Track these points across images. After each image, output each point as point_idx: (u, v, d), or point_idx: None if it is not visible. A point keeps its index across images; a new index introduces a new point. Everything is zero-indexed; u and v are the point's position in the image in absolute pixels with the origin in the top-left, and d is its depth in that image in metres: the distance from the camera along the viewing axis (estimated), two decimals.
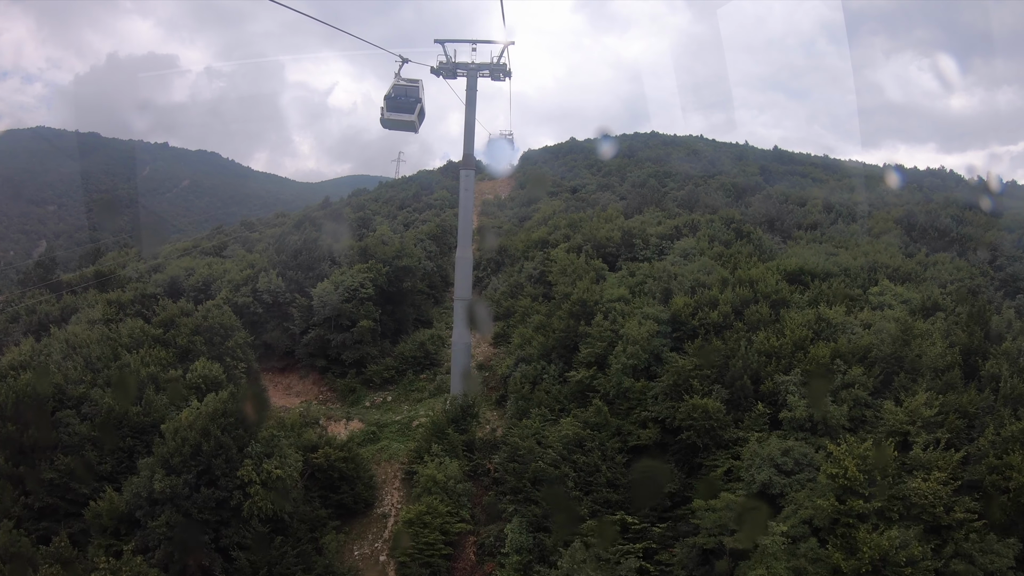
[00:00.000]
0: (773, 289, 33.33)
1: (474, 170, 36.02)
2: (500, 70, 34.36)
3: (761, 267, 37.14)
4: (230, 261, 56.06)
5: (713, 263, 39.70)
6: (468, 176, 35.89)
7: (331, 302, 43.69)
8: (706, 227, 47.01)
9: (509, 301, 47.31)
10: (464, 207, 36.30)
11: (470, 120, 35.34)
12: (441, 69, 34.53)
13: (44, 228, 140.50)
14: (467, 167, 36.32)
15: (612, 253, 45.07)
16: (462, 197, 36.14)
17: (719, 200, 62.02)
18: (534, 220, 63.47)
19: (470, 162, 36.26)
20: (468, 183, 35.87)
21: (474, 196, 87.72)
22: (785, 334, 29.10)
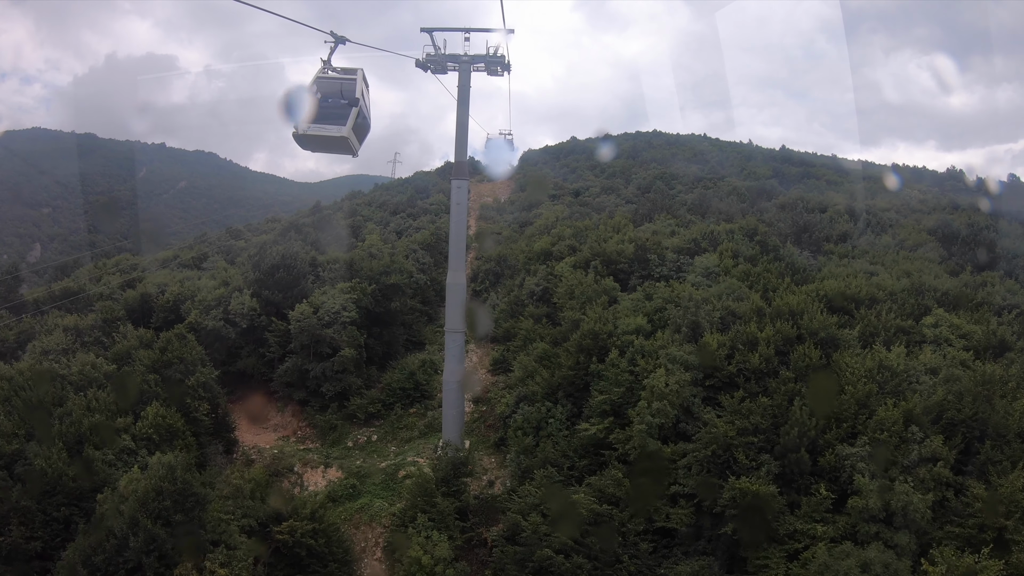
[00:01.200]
0: (820, 324, 27.34)
1: (468, 179, 29.89)
2: (497, 63, 28.22)
3: (799, 293, 31.15)
4: (207, 275, 50.29)
5: (741, 285, 33.71)
6: (461, 188, 29.76)
7: (309, 327, 37.77)
8: (727, 239, 40.99)
9: (509, 322, 41.37)
10: (456, 223, 30.19)
11: (463, 121, 29.19)
12: (429, 62, 28.40)
13: (39, 231, 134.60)
14: (459, 176, 30.13)
15: (624, 270, 39.05)
16: (453, 213, 30.05)
17: (733, 206, 55.97)
18: (536, 227, 57.40)
19: (463, 170, 30.07)
20: (461, 195, 29.76)
21: (471, 201, 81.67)
22: (844, 388, 23.11)
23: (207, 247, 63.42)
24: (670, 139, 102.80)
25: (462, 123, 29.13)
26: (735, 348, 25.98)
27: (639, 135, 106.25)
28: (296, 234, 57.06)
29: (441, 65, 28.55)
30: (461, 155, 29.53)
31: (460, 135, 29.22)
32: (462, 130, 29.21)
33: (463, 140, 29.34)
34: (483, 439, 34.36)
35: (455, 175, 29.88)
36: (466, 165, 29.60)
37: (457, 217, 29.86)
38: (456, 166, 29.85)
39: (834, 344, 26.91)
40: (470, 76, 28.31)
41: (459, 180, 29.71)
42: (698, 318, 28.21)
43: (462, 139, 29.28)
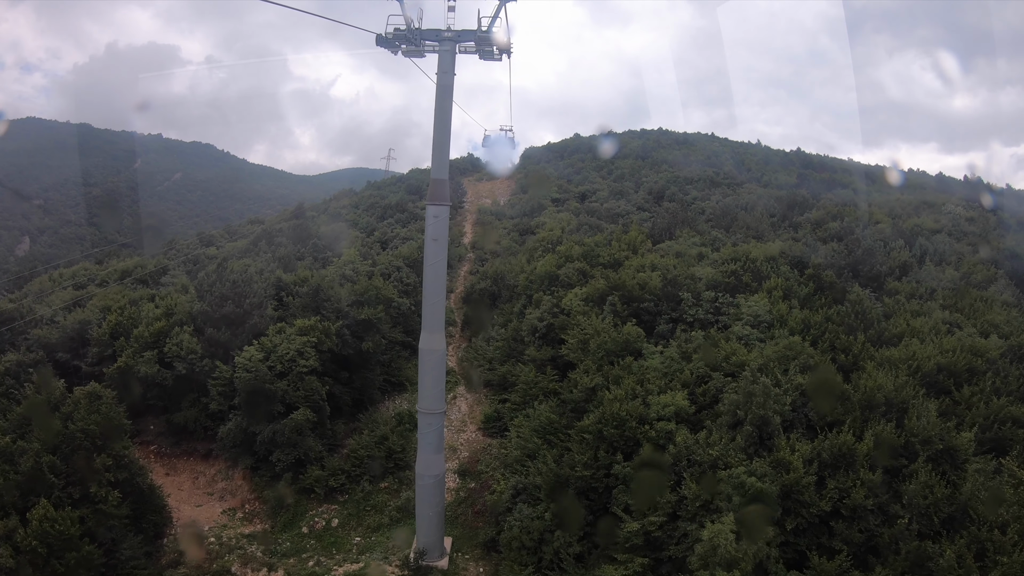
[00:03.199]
0: (934, 429, 18.36)
1: (448, 204, 20.27)
2: (492, 41, 18.90)
3: (890, 368, 22.26)
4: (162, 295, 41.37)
5: (805, 346, 24.77)
6: (439, 218, 20.30)
7: (258, 378, 28.87)
8: (770, 270, 31.90)
9: (506, 366, 32.44)
10: (433, 265, 20.73)
11: (443, 121, 19.79)
12: (398, 39, 19.11)
13: (28, 224, 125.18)
14: (437, 200, 20.58)
15: (649, 310, 29.99)
16: (429, 253, 20.54)
17: (761, 220, 46.77)
18: (539, 238, 48.10)
19: (441, 192, 20.48)
20: (439, 228, 20.34)
21: (468, 203, 72.26)
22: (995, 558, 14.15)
23: (175, 255, 54.27)
24: (678, 138, 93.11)
25: (442, 124, 19.77)
26: (824, 469, 17.03)
27: (645, 133, 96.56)
28: (267, 245, 47.90)
29: (416, 44, 19.18)
30: (440, 170, 20.17)
31: (439, 141, 19.87)
32: (442, 134, 19.85)
33: (443, 149, 20.03)
34: (470, 532, 25.57)
35: (431, 198, 20.36)
36: (446, 185, 20.17)
37: (434, 258, 20.46)
38: (433, 187, 20.34)
39: (954, 460, 17.97)
40: (455, 59, 18.97)
41: (437, 205, 20.24)
42: (765, 412, 19.18)
43: (442, 147, 19.96)
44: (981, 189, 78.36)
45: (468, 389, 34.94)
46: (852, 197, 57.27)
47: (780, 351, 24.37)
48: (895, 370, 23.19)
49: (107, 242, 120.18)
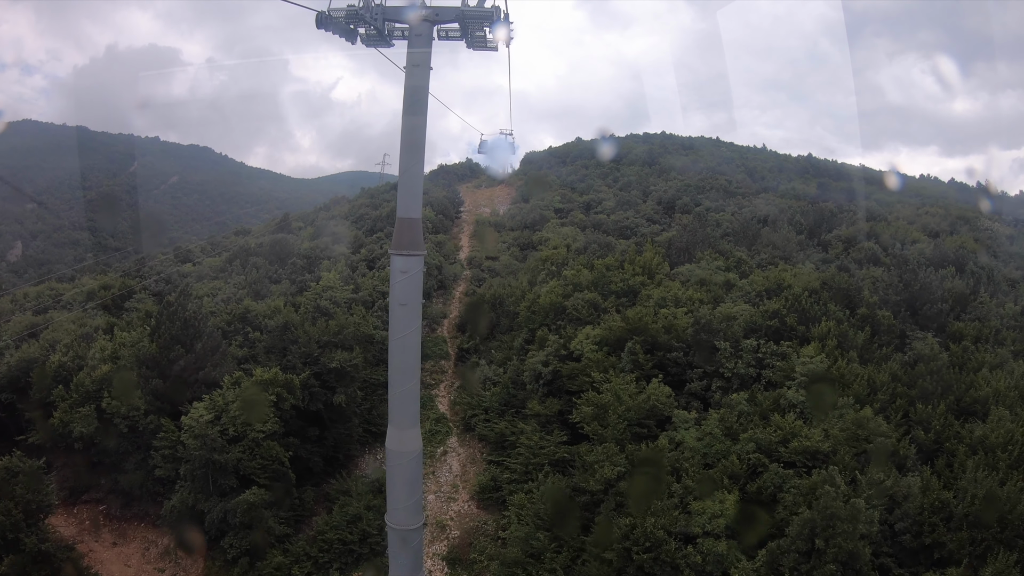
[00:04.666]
0: None
1: (423, 253, 13.77)
2: (484, 18, 12.59)
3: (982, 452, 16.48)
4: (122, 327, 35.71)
5: (880, 423, 19.01)
6: (410, 273, 13.68)
7: (207, 444, 23.10)
8: (818, 310, 26.01)
9: (504, 420, 26.58)
10: (401, 339, 14.07)
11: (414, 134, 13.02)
12: (350, 18, 12.87)
13: (21, 228, 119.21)
14: (407, 248, 13.48)
15: (678, 361, 24.12)
16: (395, 323, 14.04)
17: (788, 238, 40.90)
18: (542, 257, 41.99)
19: (411, 236, 13.10)
20: (410, 288, 13.68)
21: (464, 213, 66.19)
22: None
23: (148, 273, 48.40)
24: (682, 143, 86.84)
25: (412, 140, 13.28)
26: None
27: (648, 137, 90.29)
28: (241, 265, 42.05)
29: (377, 26, 12.95)
30: (409, 204, 13.65)
31: (410, 164, 13.42)
32: (412, 154, 13.42)
33: (414, 174, 13.56)
34: None
35: (398, 245, 13.56)
36: (418, 228, 13.94)
37: (403, 329, 14.07)
38: (400, 230, 13.61)
39: None
40: (430, 46, 12.86)
41: (406, 255, 13.82)
42: (855, 543, 13.36)
43: (412, 172, 13.44)
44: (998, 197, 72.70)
45: (461, 442, 29.15)
46: (876, 209, 51.27)
47: (849, 429, 18.60)
48: (992, 456, 17.51)
49: (101, 247, 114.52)
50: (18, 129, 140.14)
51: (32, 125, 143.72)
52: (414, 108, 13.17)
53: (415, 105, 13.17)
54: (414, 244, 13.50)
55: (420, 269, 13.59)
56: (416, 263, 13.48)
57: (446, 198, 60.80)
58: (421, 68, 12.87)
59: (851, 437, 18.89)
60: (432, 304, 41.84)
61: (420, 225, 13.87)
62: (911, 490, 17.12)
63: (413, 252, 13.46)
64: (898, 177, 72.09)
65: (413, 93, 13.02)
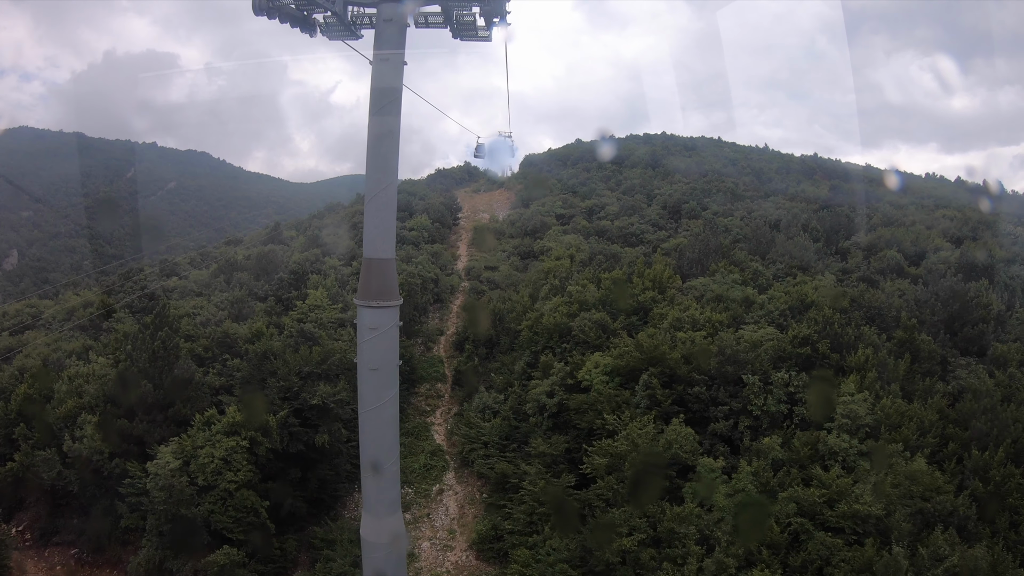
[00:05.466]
0: None
1: (399, 304, 10.71)
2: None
3: None
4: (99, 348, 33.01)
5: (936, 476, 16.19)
6: (383, 332, 10.73)
7: (175, 496, 20.23)
8: (851, 334, 23.04)
9: (504, 463, 23.62)
10: (375, 432, 11.00)
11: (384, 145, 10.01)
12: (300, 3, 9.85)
13: (17, 236, 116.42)
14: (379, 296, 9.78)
15: (700, 396, 21.17)
16: (363, 398, 11.08)
17: (805, 247, 37.89)
18: (544, 269, 38.97)
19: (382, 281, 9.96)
20: (384, 351, 10.07)
21: (463, 220, 63.32)
22: None
23: (131, 288, 45.44)
24: (684, 143, 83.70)
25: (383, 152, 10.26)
26: None
27: (649, 138, 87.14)
28: (226, 282, 39.16)
29: (338, 9, 9.88)
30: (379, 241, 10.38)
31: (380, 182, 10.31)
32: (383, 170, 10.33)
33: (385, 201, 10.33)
34: None
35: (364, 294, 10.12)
36: (391, 268, 10.67)
37: (377, 417, 11.00)
38: (367, 272, 10.29)
39: None
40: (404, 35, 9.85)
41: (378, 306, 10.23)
42: None
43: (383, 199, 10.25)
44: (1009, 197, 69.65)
45: (458, 478, 26.25)
46: (891, 212, 48.25)
47: (902, 485, 15.69)
48: None
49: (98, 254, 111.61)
50: (15, 135, 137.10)
51: (29, 132, 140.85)
52: (383, 116, 10.20)
53: (385, 112, 10.18)
54: (386, 292, 10.47)
55: (395, 323, 10.60)
56: (389, 316, 10.48)
57: (443, 204, 57.77)
58: (392, 64, 9.83)
59: (904, 494, 16.00)
60: (428, 320, 38.95)
61: (394, 267, 10.88)
62: (978, 564, 14.30)
63: (385, 303, 10.44)
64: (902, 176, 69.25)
65: (382, 96, 10.01)
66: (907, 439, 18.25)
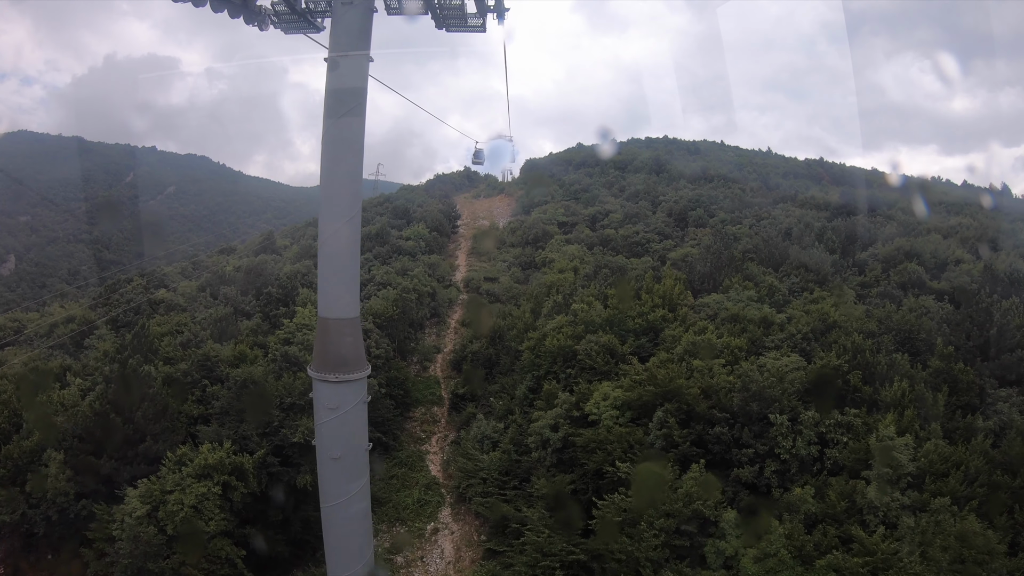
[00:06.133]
0: None
1: (366, 375, 8.31)
2: None
3: None
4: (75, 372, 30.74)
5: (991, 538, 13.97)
6: (343, 420, 7.78)
7: (141, 546, 18.10)
8: (884, 364, 20.84)
9: (505, 505, 21.42)
10: (339, 532, 8.67)
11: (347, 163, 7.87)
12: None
13: (14, 241, 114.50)
14: (339, 368, 7.73)
15: (721, 438, 18.96)
16: (325, 493, 8.70)
17: (821, 258, 35.65)
18: (546, 283, 36.76)
19: (346, 346, 7.76)
20: (348, 435, 7.46)
21: (462, 228, 61.05)
22: None
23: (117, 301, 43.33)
24: (687, 147, 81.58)
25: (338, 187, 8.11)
26: None
27: (651, 142, 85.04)
28: (212, 297, 37.05)
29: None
30: (338, 295, 8.10)
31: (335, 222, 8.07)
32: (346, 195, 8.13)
33: (343, 251, 8.18)
34: None
35: (321, 365, 7.84)
36: (356, 329, 8.31)
37: (341, 515, 8.56)
38: (323, 335, 7.78)
39: None
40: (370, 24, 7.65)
41: (338, 380, 7.87)
42: None
43: (336, 242, 8.22)
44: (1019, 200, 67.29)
45: (455, 515, 24.07)
46: (906, 220, 45.92)
47: (952, 547, 13.53)
48: None
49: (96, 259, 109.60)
50: (14, 139, 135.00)
51: (28, 136, 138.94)
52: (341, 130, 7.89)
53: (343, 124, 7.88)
54: (349, 360, 8.16)
55: (361, 399, 8.37)
56: (354, 392, 8.21)
57: (441, 212, 55.54)
58: (354, 60, 7.56)
59: (955, 559, 13.82)
60: (424, 337, 36.78)
61: (358, 327, 8.54)
62: None
63: (348, 375, 8.11)
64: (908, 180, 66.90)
65: (339, 102, 7.74)
66: (954, 491, 16.06)
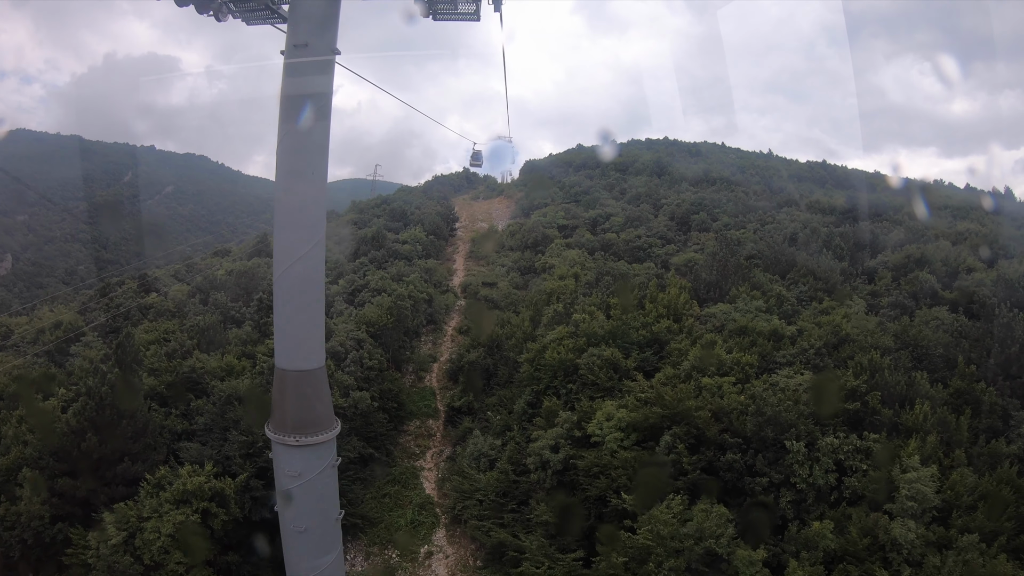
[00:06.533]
0: None
1: (334, 434, 7.01)
2: None
3: None
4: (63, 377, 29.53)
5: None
6: (309, 490, 6.29)
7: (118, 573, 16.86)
8: (904, 386, 19.63)
9: (501, 530, 20.19)
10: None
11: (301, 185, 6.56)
12: None
13: (12, 241, 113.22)
14: (299, 428, 6.38)
15: (734, 465, 17.68)
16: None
17: (830, 266, 34.45)
18: (546, 290, 35.51)
19: (308, 403, 6.49)
20: (312, 506, 6.61)
21: (460, 230, 59.50)
22: None
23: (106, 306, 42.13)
24: (688, 149, 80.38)
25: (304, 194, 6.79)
26: None
27: (652, 143, 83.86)
28: (201, 303, 35.78)
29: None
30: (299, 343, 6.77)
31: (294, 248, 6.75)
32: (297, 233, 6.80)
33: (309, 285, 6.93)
34: None
35: (279, 426, 6.68)
36: (321, 381, 6.95)
37: None
38: (281, 389, 6.80)
39: None
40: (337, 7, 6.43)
41: (300, 444, 6.36)
42: None
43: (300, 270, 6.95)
44: None
45: (449, 538, 22.84)
46: (915, 226, 44.69)
47: None
48: None
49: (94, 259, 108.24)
50: (12, 138, 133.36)
51: (26, 134, 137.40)
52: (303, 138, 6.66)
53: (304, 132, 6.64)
54: (312, 420, 6.92)
55: (329, 463, 7.14)
56: (319, 457, 7.23)
57: (439, 214, 54.25)
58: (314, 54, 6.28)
59: None
60: (420, 345, 35.54)
61: (324, 379, 7.27)
62: None
63: (312, 437, 6.87)
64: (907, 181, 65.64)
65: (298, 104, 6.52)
66: (982, 526, 14.85)
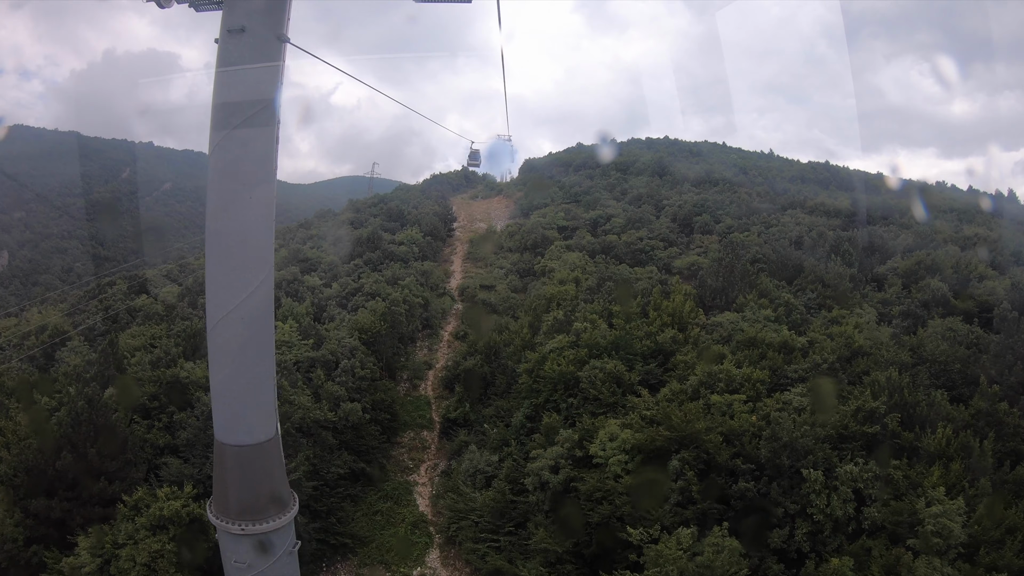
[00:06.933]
0: None
1: (291, 517, 5.82)
2: None
3: None
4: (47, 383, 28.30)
5: None
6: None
7: None
8: (924, 404, 18.45)
9: (497, 556, 19.00)
10: None
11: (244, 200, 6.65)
12: None
13: (8, 237, 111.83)
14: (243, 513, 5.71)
15: (747, 494, 16.48)
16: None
17: (838, 272, 33.23)
18: (545, 295, 34.21)
19: (257, 486, 5.85)
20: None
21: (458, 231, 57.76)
22: None
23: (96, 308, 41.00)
24: (688, 148, 79.01)
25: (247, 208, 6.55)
26: None
27: (652, 143, 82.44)
28: (190, 308, 34.53)
29: None
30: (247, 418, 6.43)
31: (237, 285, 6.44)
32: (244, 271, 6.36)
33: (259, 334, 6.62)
34: None
35: (221, 508, 5.51)
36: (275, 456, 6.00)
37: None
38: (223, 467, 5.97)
39: None
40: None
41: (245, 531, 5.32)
42: None
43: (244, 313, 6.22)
44: None
45: (443, 559, 21.66)
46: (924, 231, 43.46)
47: None
48: None
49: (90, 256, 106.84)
50: (10, 135, 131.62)
51: (24, 131, 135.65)
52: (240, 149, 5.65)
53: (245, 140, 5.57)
54: (263, 503, 5.85)
55: (287, 549, 6.01)
56: (272, 546, 5.83)
57: (436, 214, 52.92)
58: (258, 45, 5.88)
59: None
60: (415, 351, 34.30)
61: (277, 452, 6.08)
62: None
63: (260, 526, 5.75)
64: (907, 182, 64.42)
65: (234, 106, 5.49)
66: (1010, 564, 13.69)
